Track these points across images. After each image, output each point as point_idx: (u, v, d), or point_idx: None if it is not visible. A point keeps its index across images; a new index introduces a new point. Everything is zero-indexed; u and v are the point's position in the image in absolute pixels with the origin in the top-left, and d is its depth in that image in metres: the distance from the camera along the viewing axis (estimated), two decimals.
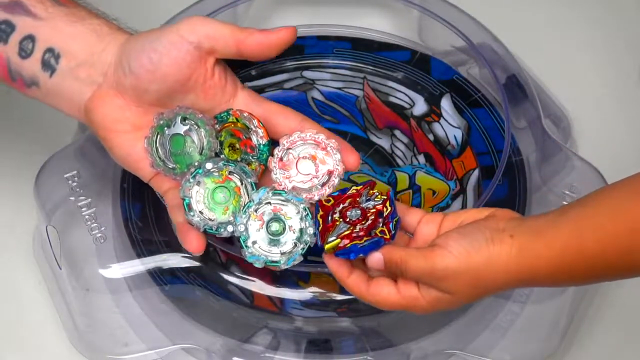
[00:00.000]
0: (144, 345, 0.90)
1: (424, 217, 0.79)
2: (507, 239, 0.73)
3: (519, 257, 0.73)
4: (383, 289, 0.76)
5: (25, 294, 0.96)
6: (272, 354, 0.88)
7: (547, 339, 0.91)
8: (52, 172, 0.93)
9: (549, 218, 0.74)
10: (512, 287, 0.76)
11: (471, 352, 0.90)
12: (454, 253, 0.73)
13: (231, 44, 0.80)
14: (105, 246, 0.90)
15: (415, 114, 1.02)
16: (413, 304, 0.76)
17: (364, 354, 0.88)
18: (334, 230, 0.77)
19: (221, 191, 0.80)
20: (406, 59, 1.03)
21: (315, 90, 1.03)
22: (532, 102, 0.98)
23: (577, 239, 0.72)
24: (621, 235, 0.72)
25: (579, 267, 0.73)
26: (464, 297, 0.75)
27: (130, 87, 0.81)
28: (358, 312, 0.88)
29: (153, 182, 0.83)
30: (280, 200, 0.79)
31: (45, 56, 0.82)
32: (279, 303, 0.89)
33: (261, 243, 0.78)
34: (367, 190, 0.78)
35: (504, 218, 0.76)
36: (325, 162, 0.80)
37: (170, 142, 0.81)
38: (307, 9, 1.09)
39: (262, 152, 0.82)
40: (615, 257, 0.72)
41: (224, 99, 0.83)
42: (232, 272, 0.89)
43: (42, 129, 1.03)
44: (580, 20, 1.15)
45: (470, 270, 0.73)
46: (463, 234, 0.74)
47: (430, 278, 0.74)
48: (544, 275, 0.74)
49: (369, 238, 0.76)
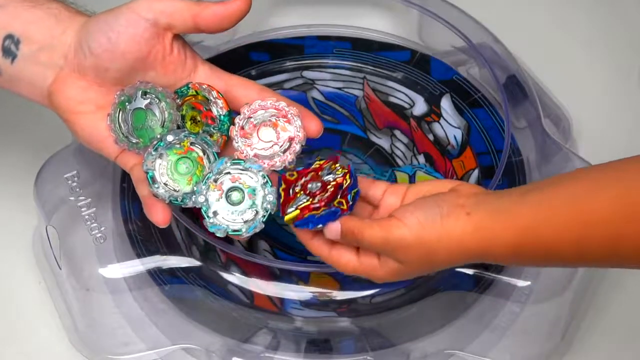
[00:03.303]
0: (144, 345, 0.91)
1: (389, 188, 0.80)
2: (463, 216, 0.74)
3: (474, 234, 0.74)
4: (343, 255, 0.78)
5: (25, 294, 0.96)
6: (272, 354, 0.88)
7: (547, 339, 0.91)
8: (51, 172, 0.93)
9: (510, 199, 0.74)
10: (467, 261, 0.77)
11: (471, 352, 0.90)
12: (408, 225, 0.74)
13: (188, 18, 0.81)
14: (105, 246, 0.90)
15: (415, 114, 1.02)
16: (371, 272, 0.77)
17: (363, 354, 0.88)
18: (293, 202, 0.78)
19: (184, 162, 0.81)
20: (406, 59, 1.03)
21: (315, 90, 1.03)
22: (532, 102, 0.98)
23: (533, 224, 0.73)
24: (574, 226, 0.72)
25: (534, 252, 0.74)
26: (416, 269, 0.76)
27: (91, 68, 0.82)
28: (358, 312, 0.88)
29: (119, 160, 0.84)
30: (239, 169, 0.80)
31: (5, 43, 0.83)
32: (279, 303, 0.89)
33: (223, 213, 0.79)
34: (330, 165, 0.80)
35: (465, 193, 0.76)
36: (286, 129, 0.81)
37: (132, 116, 0.82)
38: (307, 9, 1.09)
39: (223, 123, 0.83)
40: (567, 246, 0.73)
41: (184, 74, 0.84)
42: (232, 272, 0.89)
43: (42, 129, 1.03)
44: (580, 20, 1.15)
45: (422, 243, 0.74)
46: (420, 207, 0.75)
47: (385, 247, 0.75)
48: (499, 254, 0.74)
49: (326, 208, 0.77)
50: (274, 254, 0.95)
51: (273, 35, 1.06)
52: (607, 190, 0.71)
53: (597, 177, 0.73)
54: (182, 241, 0.91)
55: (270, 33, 1.06)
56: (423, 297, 0.88)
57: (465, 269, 0.88)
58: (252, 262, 0.87)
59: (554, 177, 0.75)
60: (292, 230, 0.92)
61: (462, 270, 0.88)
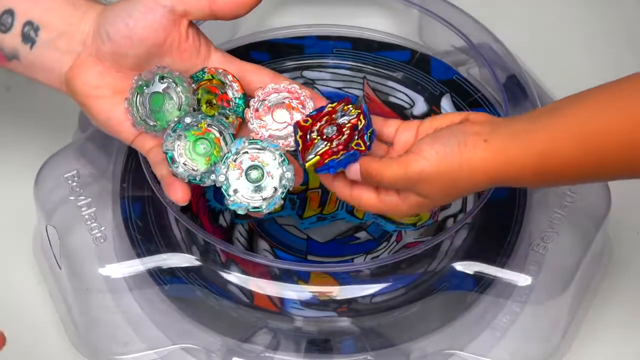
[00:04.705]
0: (144, 345, 0.90)
1: (401, 125, 0.82)
2: (481, 143, 0.75)
3: (494, 159, 0.75)
4: (364, 193, 0.80)
5: (25, 294, 0.96)
6: (272, 354, 0.88)
7: (547, 339, 0.91)
8: (51, 172, 0.93)
9: (522, 124, 0.76)
10: (489, 186, 0.79)
11: (471, 352, 0.90)
12: (427, 157, 0.76)
13: (204, 5, 0.83)
14: (105, 246, 0.90)
15: (415, 113, 1.02)
16: (393, 209, 0.79)
17: (364, 354, 0.88)
18: (312, 149, 0.80)
19: (202, 143, 0.83)
20: (406, 59, 1.03)
21: (316, 90, 1.03)
22: (532, 102, 0.98)
23: (550, 144, 0.74)
24: (588, 140, 0.74)
25: (555, 170, 0.75)
26: (440, 199, 0.78)
27: (109, 53, 0.84)
28: (358, 312, 0.88)
29: (136, 143, 0.86)
30: (257, 148, 0.82)
31: (25, 29, 0.84)
32: (279, 303, 0.89)
33: (243, 191, 0.82)
34: (342, 107, 0.81)
35: (478, 122, 0.78)
36: (299, 110, 0.84)
37: (149, 100, 0.84)
38: (307, 9, 1.09)
39: (238, 105, 0.85)
40: (584, 160, 0.74)
41: (198, 60, 0.86)
42: (232, 272, 0.89)
43: (41, 129, 1.03)
44: (581, 20, 1.15)
45: (443, 173, 0.76)
46: (436, 138, 0.77)
47: (406, 183, 0.77)
48: (520, 176, 0.76)
49: (345, 152, 0.78)
50: (274, 254, 0.95)
51: (273, 35, 1.06)
52: (613, 104, 0.74)
53: (599, 97, 0.75)
54: (182, 241, 0.91)
55: (271, 33, 1.06)
56: (423, 297, 0.88)
57: (466, 269, 0.88)
58: (252, 262, 0.87)
59: (556, 103, 0.77)
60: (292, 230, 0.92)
61: (462, 270, 0.88)
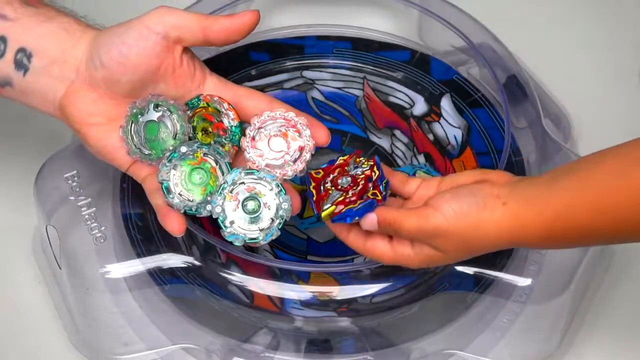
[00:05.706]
0: (144, 345, 0.91)
1: (422, 183, 0.83)
2: (499, 206, 0.76)
3: (511, 223, 0.76)
4: (378, 244, 0.80)
5: (25, 294, 0.96)
6: (272, 354, 0.88)
7: (547, 339, 0.91)
8: (51, 172, 0.93)
9: (540, 186, 0.77)
10: (501, 247, 0.80)
11: (471, 352, 0.90)
12: (445, 214, 0.77)
13: (197, 31, 0.83)
14: (105, 246, 0.90)
15: (415, 113, 1.02)
16: (406, 260, 0.80)
17: (363, 354, 0.88)
18: (327, 199, 0.80)
19: (197, 172, 0.83)
20: (406, 59, 1.03)
21: (315, 90, 1.03)
22: (532, 102, 0.98)
23: (565, 209, 0.75)
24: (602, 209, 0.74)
25: (568, 235, 0.76)
26: (453, 256, 0.79)
27: (102, 80, 0.83)
28: (358, 312, 0.88)
29: (131, 171, 0.85)
30: (253, 179, 0.82)
31: (17, 56, 0.84)
32: (279, 303, 0.89)
33: (239, 222, 0.81)
34: (354, 159, 0.82)
35: (498, 183, 0.78)
36: (296, 139, 0.83)
37: (144, 129, 0.83)
38: (307, 9, 1.09)
39: (234, 134, 0.84)
40: (601, 226, 0.75)
41: (193, 85, 0.85)
42: (232, 272, 0.89)
43: (42, 129, 1.03)
44: (581, 20, 1.15)
45: (458, 232, 0.77)
46: (455, 196, 0.78)
47: (422, 235, 0.78)
48: (534, 239, 0.77)
49: (362, 201, 0.79)
50: (274, 254, 0.95)
51: (273, 35, 1.05)
52: (631, 172, 0.74)
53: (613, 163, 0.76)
54: (182, 241, 0.91)
55: (270, 33, 1.06)
56: (423, 297, 0.88)
57: (465, 269, 0.88)
58: (252, 262, 0.87)
59: (575, 162, 0.79)
60: (292, 230, 0.92)
61: (462, 270, 0.88)
